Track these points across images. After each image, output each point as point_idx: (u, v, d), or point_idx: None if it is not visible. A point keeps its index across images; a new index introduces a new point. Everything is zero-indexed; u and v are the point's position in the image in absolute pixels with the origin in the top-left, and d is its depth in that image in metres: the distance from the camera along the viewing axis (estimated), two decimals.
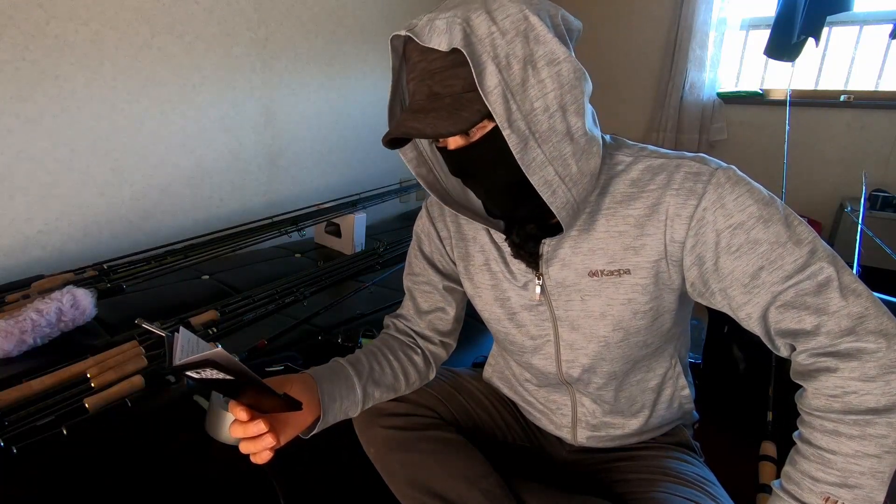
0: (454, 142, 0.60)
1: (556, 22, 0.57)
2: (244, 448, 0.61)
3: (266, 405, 0.60)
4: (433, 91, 0.57)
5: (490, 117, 0.56)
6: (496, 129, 0.57)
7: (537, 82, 0.54)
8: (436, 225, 0.81)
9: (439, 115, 0.55)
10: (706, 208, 0.58)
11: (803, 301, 0.55)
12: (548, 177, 0.57)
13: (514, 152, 0.55)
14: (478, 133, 0.58)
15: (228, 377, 0.52)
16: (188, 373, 0.51)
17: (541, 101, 0.55)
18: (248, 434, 0.59)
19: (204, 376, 0.52)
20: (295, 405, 0.59)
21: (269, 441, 0.60)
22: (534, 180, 0.56)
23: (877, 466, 0.52)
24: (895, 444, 0.52)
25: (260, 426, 0.59)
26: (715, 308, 0.63)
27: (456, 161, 0.62)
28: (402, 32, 0.56)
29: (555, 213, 0.59)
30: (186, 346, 0.52)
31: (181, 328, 0.54)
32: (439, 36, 0.53)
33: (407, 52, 0.59)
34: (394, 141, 0.62)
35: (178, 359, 0.49)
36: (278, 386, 0.65)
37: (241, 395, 0.59)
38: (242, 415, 0.59)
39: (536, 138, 0.55)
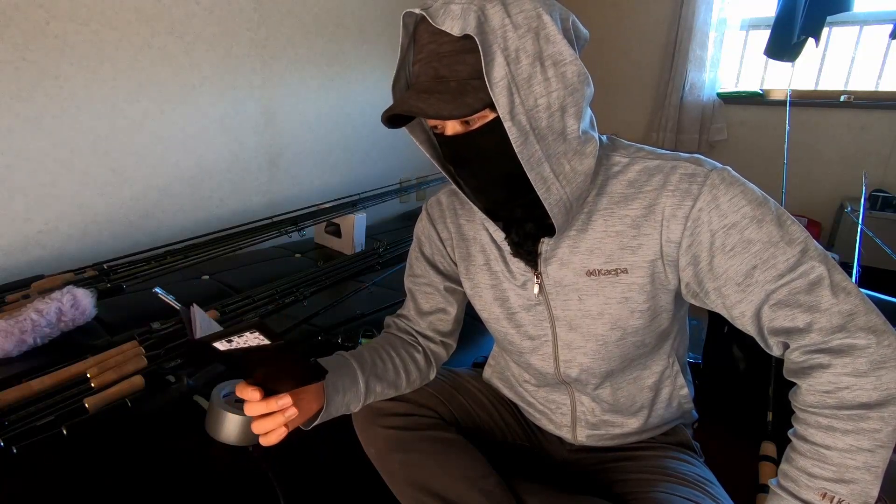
0: (452, 127, 0.60)
1: (566, 26, 0.58)
2: (259, 427, 0.61)
3: (281, 383, 0.60)
4: (439, 74, 0.57)
5: (492, 107, 0.56)
6: (497, 121, 0.57)
7: (543, 80, 0.55)
8: (436, 227, 0.81)
9: (443, 97, 0.55)
10: (701, 209, 0.59)
11: (796, 299, 0.55)
12: (544, 173, 0.57)
13: (514, 146, 0.55)
14: (478, 122, 0.58)
15: (264, 342, 0.51)
16: (214, 344, 0.50)
17: (544, 98, 0.55)
18: (269, 409, 0.59)
19: (232, 347, 0.51)
20: (321, 373, 0.59)
21: (293, 412, 0.61)
22: (531, 175, 0.57)
23: (871, 461, 0.53)
24: (887, 438, 0.52)
25: (286, 399, 0.60)
26: (709, 308, 0.64)
27: (452, 148, 0.62)
28: (416, 11, 0.57)
29: (547, 209, 0.60)
30: (203, 323, 0.51)
31: (193, 305, 0.54)
32: (453, 20, 0.54)
33: (417, 33, 0.59)
34: (394, 120, 0.62)
35: (204, 331, 0.48)
36: None
37: (255, 372, 0.58)
38: (255, 395, 0.59)
39: (536, 134, 0.56)
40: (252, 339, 0.50)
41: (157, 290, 0.61)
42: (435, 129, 0.63)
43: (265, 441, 0.62)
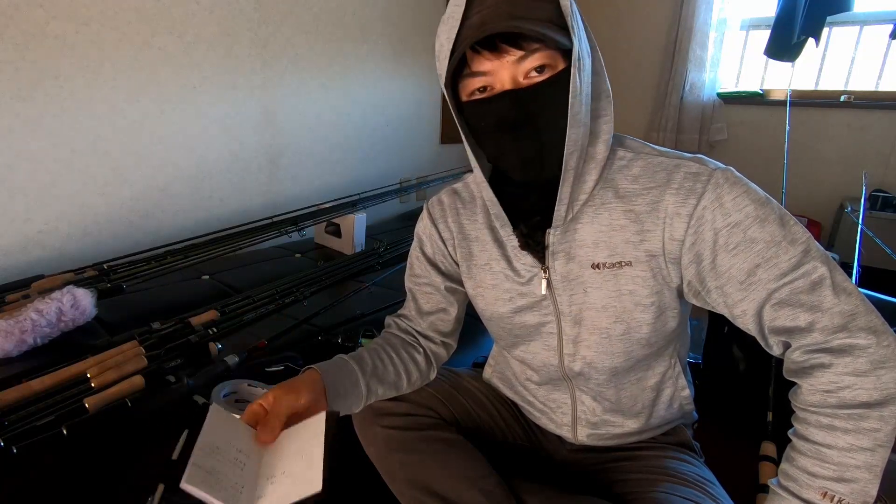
0: (513, 80, 0.58)
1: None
2: None
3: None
4: (515, 14, 0.55)
5: (562, 57, 0.58)
6: (561, 74, 0.58)
7: (591, 52, 0.60)
8: (437, 226, 0.81)
9: (531, 27, 0.55)
10: (705, 207, 0.59)
11: (798, 299, 0.56)
12: (577, 135, 0.60)
13: (570, 96, 0.57)
14: (547, 72, 0.58)
15: None
16: None
17: (588, 60, 0.60)
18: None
19: None
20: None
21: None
22: (570, 132, 0.58)
23: (870, 460, 0.53)
24: (887, 437, 0.53)
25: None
26: (710, 307, 0.64)
27: (508, 104, 0.59)
28: None
29: (562, 173, 0.61)
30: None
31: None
32: None
33: None
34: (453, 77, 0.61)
35: None
36: (286, 393, 0.65)
37: None
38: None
39: (583, 95, 0.59)
40: None
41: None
42: (479, 93, 0.61)
43: None
